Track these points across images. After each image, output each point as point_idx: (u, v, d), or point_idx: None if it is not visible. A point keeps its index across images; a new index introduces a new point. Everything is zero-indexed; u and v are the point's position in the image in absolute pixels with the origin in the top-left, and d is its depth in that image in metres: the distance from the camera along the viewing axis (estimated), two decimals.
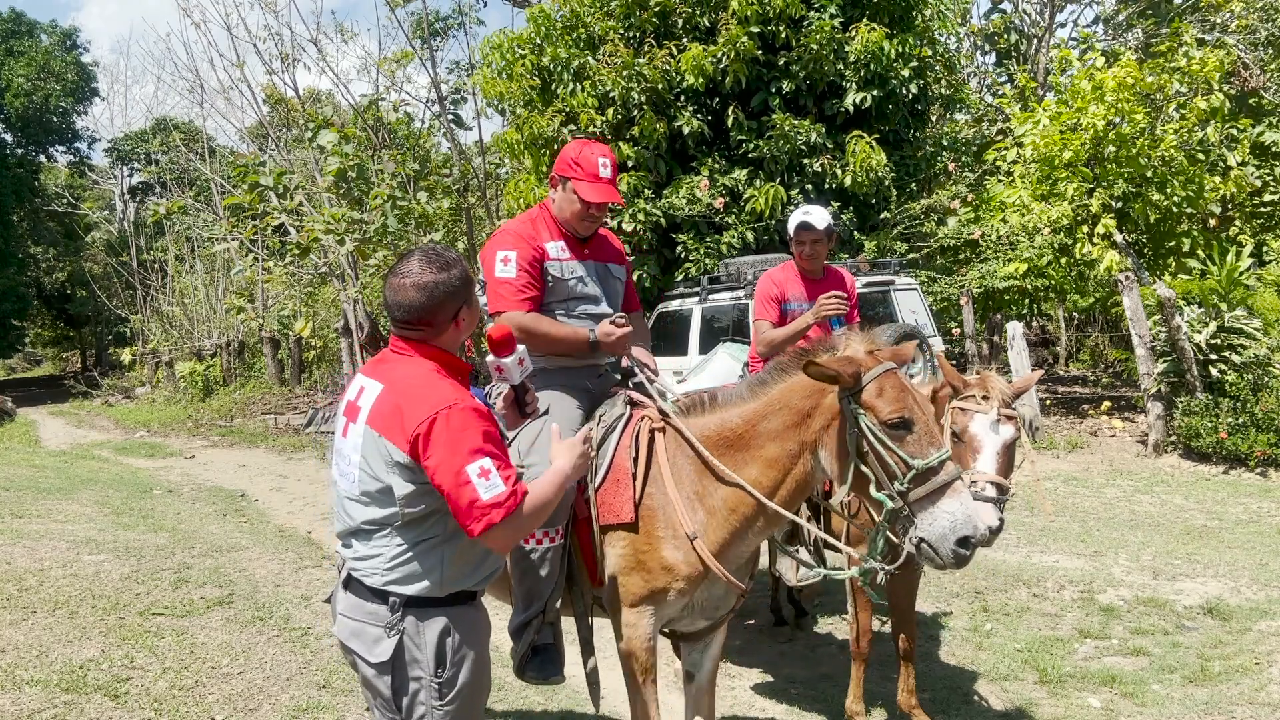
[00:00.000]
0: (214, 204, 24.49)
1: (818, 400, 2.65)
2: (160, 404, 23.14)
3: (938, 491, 2.44)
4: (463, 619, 2.30)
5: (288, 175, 16.15)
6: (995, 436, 3.32)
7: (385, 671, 2.25)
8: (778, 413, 2.71)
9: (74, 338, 45.08)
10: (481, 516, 2.14)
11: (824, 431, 2.64)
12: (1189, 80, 12.36)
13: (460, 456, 2.14)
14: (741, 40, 10.47)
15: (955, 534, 2.42)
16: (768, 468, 2.70)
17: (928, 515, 2.44)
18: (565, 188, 3.14)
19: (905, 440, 2.47)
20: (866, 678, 4.04)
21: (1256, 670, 4.51)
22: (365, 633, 2.27)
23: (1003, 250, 12.11)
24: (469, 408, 2.21)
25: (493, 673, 4.80)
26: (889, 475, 2.47)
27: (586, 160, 3.09)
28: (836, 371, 2.52)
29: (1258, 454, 9.12)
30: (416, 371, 2.29)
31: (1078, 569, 6.36)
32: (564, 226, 3.20)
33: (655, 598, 2.80)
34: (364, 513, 2.29)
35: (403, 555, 2.25)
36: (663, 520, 2.77)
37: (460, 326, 2.35)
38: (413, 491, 2.22)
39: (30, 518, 8.31)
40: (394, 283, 2.30)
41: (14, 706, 4.13)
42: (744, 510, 2.74)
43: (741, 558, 2.88)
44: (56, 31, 35.71)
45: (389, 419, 2.22)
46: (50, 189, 37.05)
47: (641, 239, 10.77)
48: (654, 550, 2.77)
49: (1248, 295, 10.65)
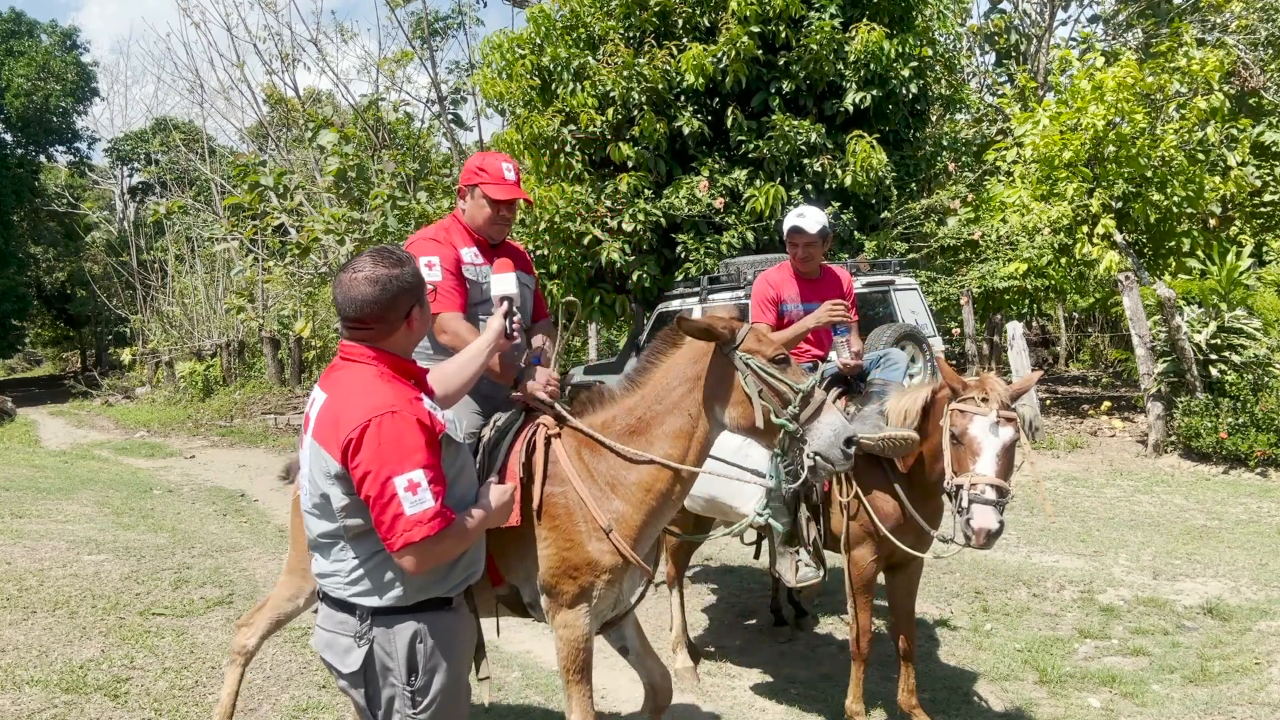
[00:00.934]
0: (214, 204, 24.50)
1: (703, 364, 2.96)
2: (160, 404, 23.13)
3: (818, 410, 2.85)
4: (436, 626, 2.23)
5: (288, 175, 16.17)
6: (994, 439, 3.32)
7: (358, 683, 2.21)
8: (670, 387, 2.99)
9: (74, 338, 45.06)
10: (403, 533, 2.04)
11: (716, 388, 2.94)
12: (1189, 80, 12.36)
13: (389, 466, 2.04)
14: (741, 40, 10.47)
15: (840, 438, 2.81)
16: (676, 439, 2.95)
17: (814, 431, 2.83)
18: (474, 194, 3.27)
19: (787, 372, 2.89)
20: (866, 678, 4.04)
21: (1256, 670, 4.51)
22: (337, 643, 2.23)
23: (1003, 250, 12.10)
24: (408, 415, 2.10)
25: (491, 671, 4.83)
26: (783, 403, 2.85)
27: (491, 166, 3.26)
28: (710, 325, 2.89)
29: (1258, 454, 9.12)
30: (359, 377, 2.19)
31: (1078, 569, 6.37)
32: (476, 233, 3.31)
33: (587, 594, 2.90)
34: (317, 526, 2.24)
35: (360, 568, 2.19)
36: (578, 516, 2.90)
37: (413, 326, 2.28)
38: (349, 504, 2.13)
39: (30, 518, 8.31)
40: (345, 279, 2.20)
41: (14, 706, 4.13)
42: (659, 486, 2.94)
43: (653, 539, 3.08)
44: (56, 31, 35.69)
45: (328, 429, 2.14)
46: (50, 189, 37.03)
47: (641, 239, 10.76)
48: (576, 546, 2.88)
49: (1248, 295, 10.65)
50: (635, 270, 10.85)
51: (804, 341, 4.34)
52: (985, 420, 3.33)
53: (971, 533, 3.26)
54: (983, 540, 3.25)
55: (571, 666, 2.93)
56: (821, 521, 4.03)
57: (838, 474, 2.89)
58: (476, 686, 2.83)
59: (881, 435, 3.64)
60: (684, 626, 4.84)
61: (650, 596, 5.97)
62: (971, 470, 3.31)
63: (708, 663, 4.90)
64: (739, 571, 6.61)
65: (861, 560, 3.87)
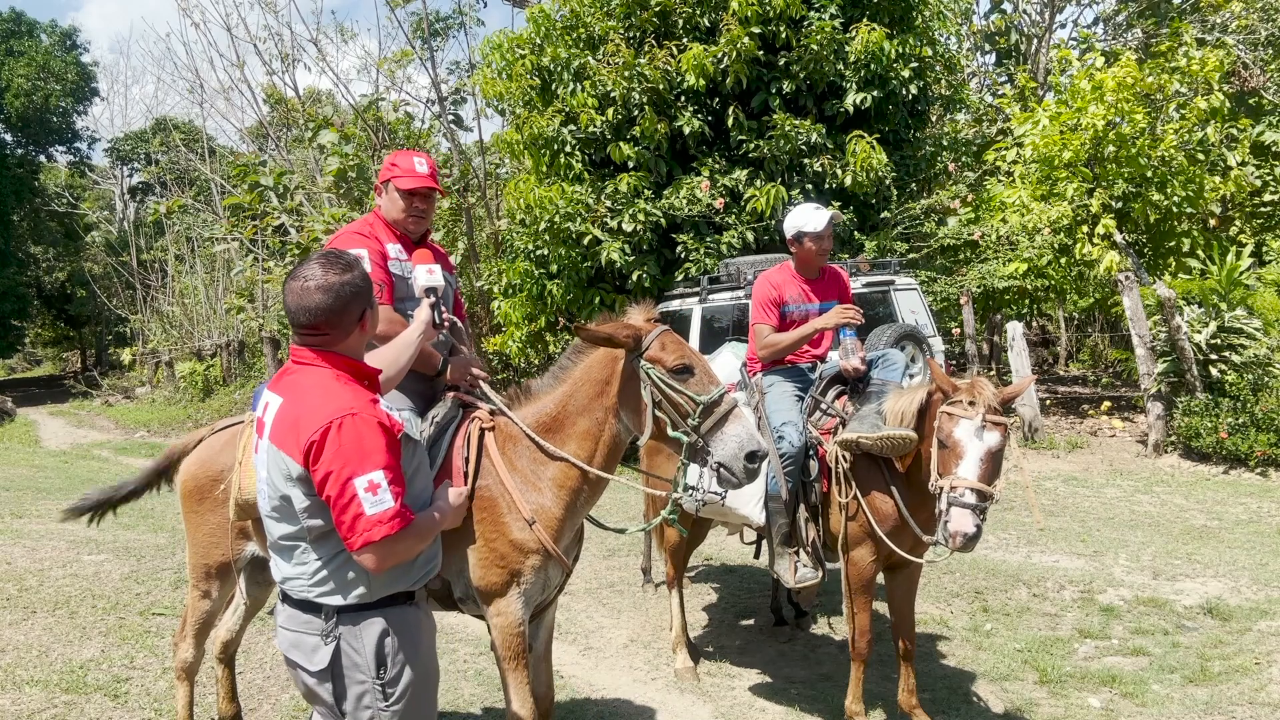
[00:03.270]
0: (214, 204, 24.50)
1: (613, 369, 2.99)
2: (160, 404, 23.15)
3: (722, 420, 2.84)
4: (401, 620, 2.27)
5: (288, 175, 16.18)
6: (978, 443, 3.33)
7: (325, 679, 2.23)
8: (581, 389, 3.04)
9: (74, 338, 45.04)
10: (363, 532, 2.08)
11: (622, 394, 2.98)
12: (1189, 80, 12.35)
13: (350, 467, 2.08)
14: (742, 40, 10.47)
15: (743, 451, 2.81)
16: (584, 439, 3.01)
17: (719, 441, 2.83)
18: (388, 189, 3.32)
19: (689, 382, 2.87)
20: (866, 678, 4.04)
21: (1256, 670, 4.51)
22: (303, 642, 2.25)
23: (1003, 250, 12.10)
24: (368, 417, 2.13)
25: (479, 666, 4.82)
26: (681, 415, 2.87)
27: (403, 161, 3.32)
28: (609, 334, 2.91)
29: (1258, 454, 9.12)
30: (316, 380, 2.21)
31: (1078, 569, 6.36)
32: (395, 228, 3.34)
33: (516, 579, 2.94)
34: (277, 529, 2.26)
35: (323, 569, 2.22)
36: (504, 506, 2.95)
37: (365, 329, 2.31)
38: (310, 505, 2.16)
39: (30, 518, 8.32)
40: (295, 287, 2.21)
41: (14, 706, 4.13)
42: (571, 483, 2.99)
43: (572, 531, 3.12)
44: (56, 31, 35.70)
45: (287, 432, 2.16)
46: (50, 189, 37.03)
47: (641, 239, 10.76)
48: (503, 535, 2.92)
49: (1248, 295, 10.64)
50: (635, 270, 10.84)
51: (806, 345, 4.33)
52: (971, 424, 3.34)
53: (948, 535, 3.28)
54: (959, 543, 3.27)
55: (508, 654, 2.95)
56: (820, 522, 4.03)
57: (739, 486, 2.88)
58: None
59: (879, 435, 3.64)
60: (684, 627, 4.84)
61: (650, 596, 5.98)
62: (953, 473, 3.31)
63: (708, 663, 4.90)
64: (739, 571, 6.62)
65: (860, 561, 3.87)
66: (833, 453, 3.88)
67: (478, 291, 14.43)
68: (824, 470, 3.96)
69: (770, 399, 4.12)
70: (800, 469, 3.96)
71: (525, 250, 11.55)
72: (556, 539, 2.97)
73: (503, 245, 13.46)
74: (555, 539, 2.96)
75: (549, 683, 3.32)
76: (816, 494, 3.98)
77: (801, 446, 3.93)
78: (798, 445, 3.92)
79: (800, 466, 3.96)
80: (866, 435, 3.66)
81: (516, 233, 11.89)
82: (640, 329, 2.96)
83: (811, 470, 3.97)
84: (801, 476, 3.98)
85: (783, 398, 4.11)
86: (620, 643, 5.23)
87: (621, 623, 5.57)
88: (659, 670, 4.79)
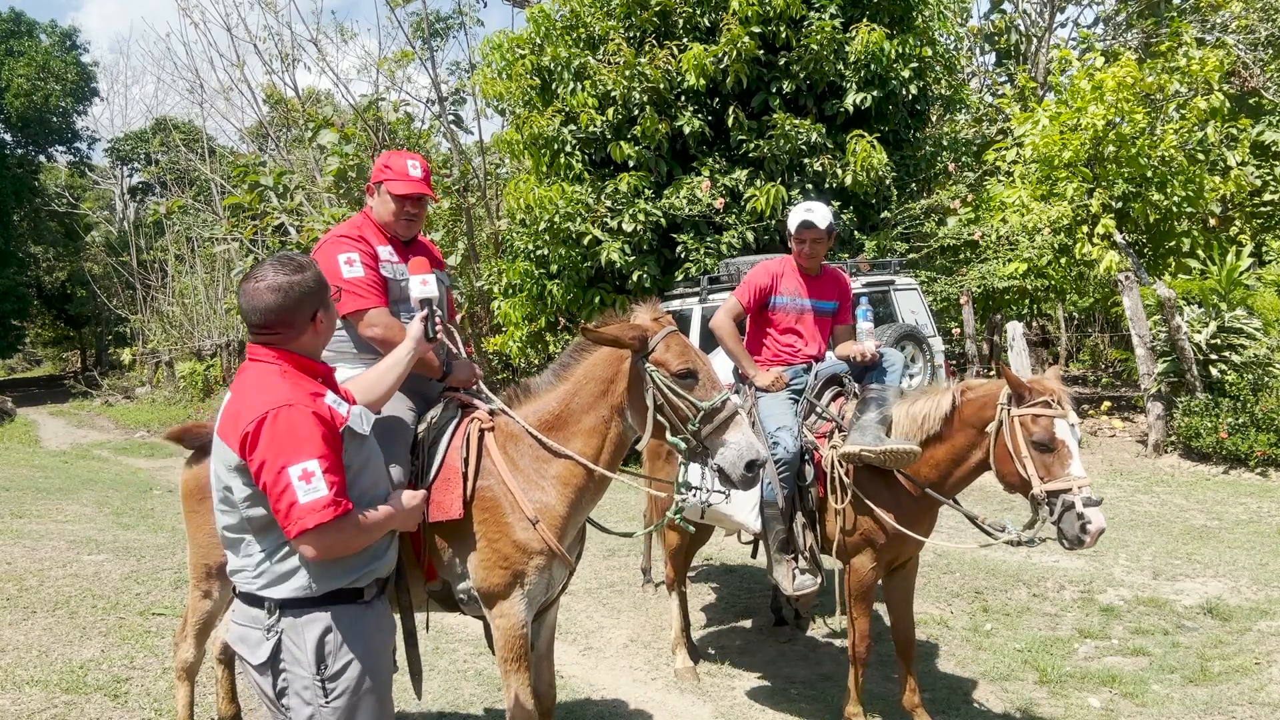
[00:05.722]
0: (214, 204, 24.49)
1: (618, 368, 2.99)
2: (160, 404, 23.14)
3: (723, 426, 2.86)
4: (345, 617, 2.28)
5: (288, 175, 16.18)
6: (1074, 440, 3.32)
7: (265, 672, 2.26)
8: (585, 387, 3.03)
9: (74, 338, 45.04)
10: (297, 519, 2.12)
11: (627, 394, 2.98)
12: (1189, 80, 12.35)
13: (284, 456, 2.12)
14: (742, 40, 10.47)
15: (743, 460, 2.82)
16: (589, 437, 3.00)
17: (719, 447, 2.85)
18: (380, 191, 3.28)
19: (692, 388, 2.87)
20: (866, 679, 4.04)
21: (1256, 670, 4.51)
22: (249, 636, 2.28)
23: (1003, 250, 12.10)
24: (304, 408, 2.17)
25: (479, 666, 4.81)
26: (682, 419, 2.88)
27: (396, 163, 3.26)
28: (615, 336, 2.91)
29: (1258, 454, 9.12)
30: (261, 375, 2.26)
31: (1078, 569, 6.36)
32: (386, 230, 3.30)
33: (520, 581, 2.93)
34: (224, 519, 2.30)
35: (266, 561, 2.25)
36: (507, 506, 2.94)
37: (319, 329, 2.34)
38: (250, 495, 2.20)
39: (30, 518, 8.32)
40: (248, 288, 2.27)
41: (14, 706, 4.13)
42: (575, 481, 2.98)
43: (576, 529, 3.11)
44: (56, 31, 35.67)
45: (228, 424, 2.22)
46: (50, 189, 37.02)
47: (641, 239, 10.76)
48: (506, 536, 2.91)
49: (1248, 295, 10.64)
50: (635, 270, 10.84)
51: (799, 341, 4.32)
52: (1064, 423, 3.31)
53: (1088, 536, 3.21)
54: (1094, 542, 3.24)
55: (509, 655, 2.95)
56: (818, 528, 4.00)
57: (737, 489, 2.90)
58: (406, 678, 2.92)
59: (883, 448, 3.60)
60: (684, 627, 4.83)
61: (650, 596, 5.98)
62: (1067, 474, 3.27)
63: (708, 663, 4.90)
64: (739, 571, 6.62)
65: (861, 568, 3.85)
66: (829, 459, 3.85)
67: (478, 291, 14.43)
68: (819, 475, 3.93)
69: (764, 403, 4.08)
70: (795, 475, 3.93)
71: (525, 250, 11.55)
72: (561, 538, 2.95)
73: (503, 245, 13.46)
74: (559, 538, 2.94)
75: (550, 681, 3.31)
76: (813, 499, 3.95)
77: (797, 452, 3.89)
78: (793, 451, 3.88)
79: (795, 472, 3.92)
80: (870, 448, 3.62)
81: (516, 233, 11.89)
82: (646, 329, 2.95)
83: (807, 475, 3.93)
84: (797, 482, 3.95)
85: (777, 401, 4.07)
86: (620, 643, 5.23)
87: (621, 623, 5.57)
88: (659, 670, 4.79)
